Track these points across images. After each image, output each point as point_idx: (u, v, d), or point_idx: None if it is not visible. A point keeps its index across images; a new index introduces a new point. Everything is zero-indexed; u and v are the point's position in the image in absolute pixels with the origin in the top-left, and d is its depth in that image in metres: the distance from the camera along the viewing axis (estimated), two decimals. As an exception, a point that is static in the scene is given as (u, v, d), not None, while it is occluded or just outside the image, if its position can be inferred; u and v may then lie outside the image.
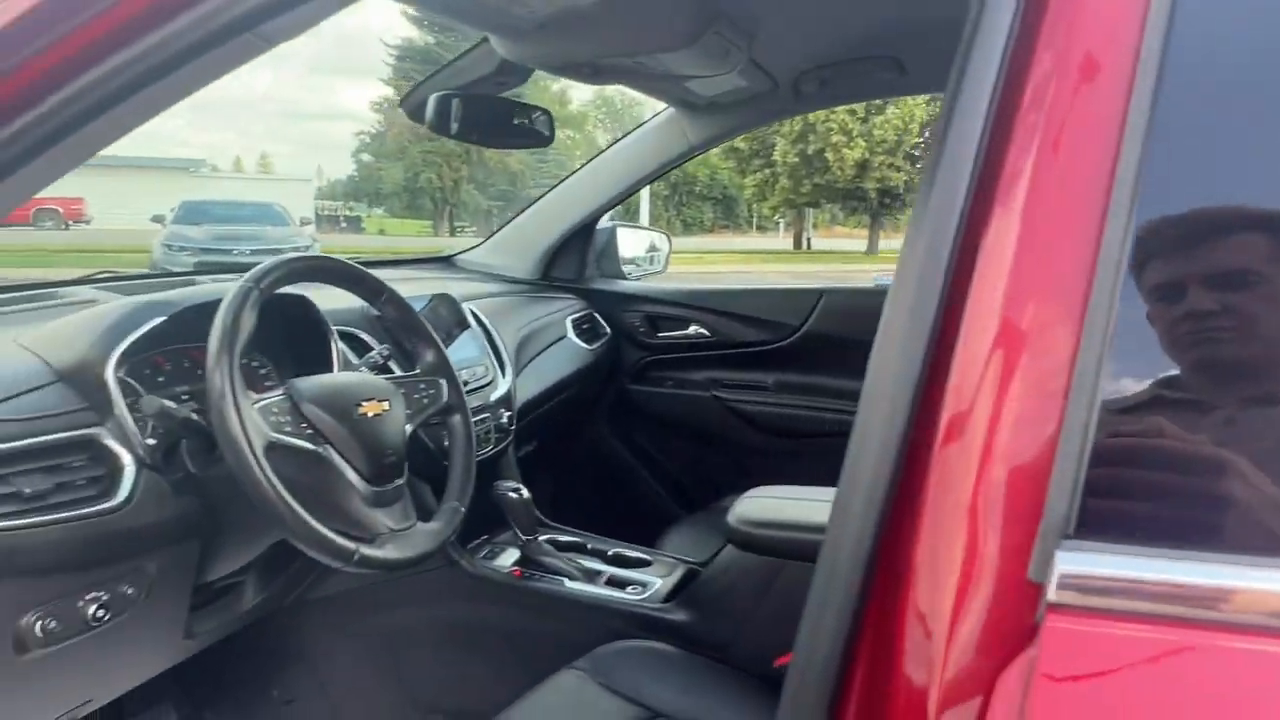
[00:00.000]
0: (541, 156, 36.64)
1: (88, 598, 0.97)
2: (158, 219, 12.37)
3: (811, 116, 21.46)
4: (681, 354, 2.30)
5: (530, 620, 1.42)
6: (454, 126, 1.33)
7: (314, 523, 0.95)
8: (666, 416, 2.34)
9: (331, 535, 0.96)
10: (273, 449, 0.96)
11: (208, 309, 1.00)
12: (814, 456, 2.19)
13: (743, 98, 1.82)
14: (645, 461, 2.39)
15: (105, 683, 1.12)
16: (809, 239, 29.00)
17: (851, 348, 2.17)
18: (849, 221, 35.73)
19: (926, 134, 22.13)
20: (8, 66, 0.71)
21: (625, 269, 2.44)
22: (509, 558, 1.52)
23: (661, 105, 1.98)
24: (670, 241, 2.69)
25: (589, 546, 1.59)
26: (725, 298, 2.25)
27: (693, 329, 2.27)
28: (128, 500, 0.97)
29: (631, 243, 2.49)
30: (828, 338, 2.15)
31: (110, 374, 1.00)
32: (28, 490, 0.89)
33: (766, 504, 1.30)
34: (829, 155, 22.14)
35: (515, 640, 1.44)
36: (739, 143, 24.02)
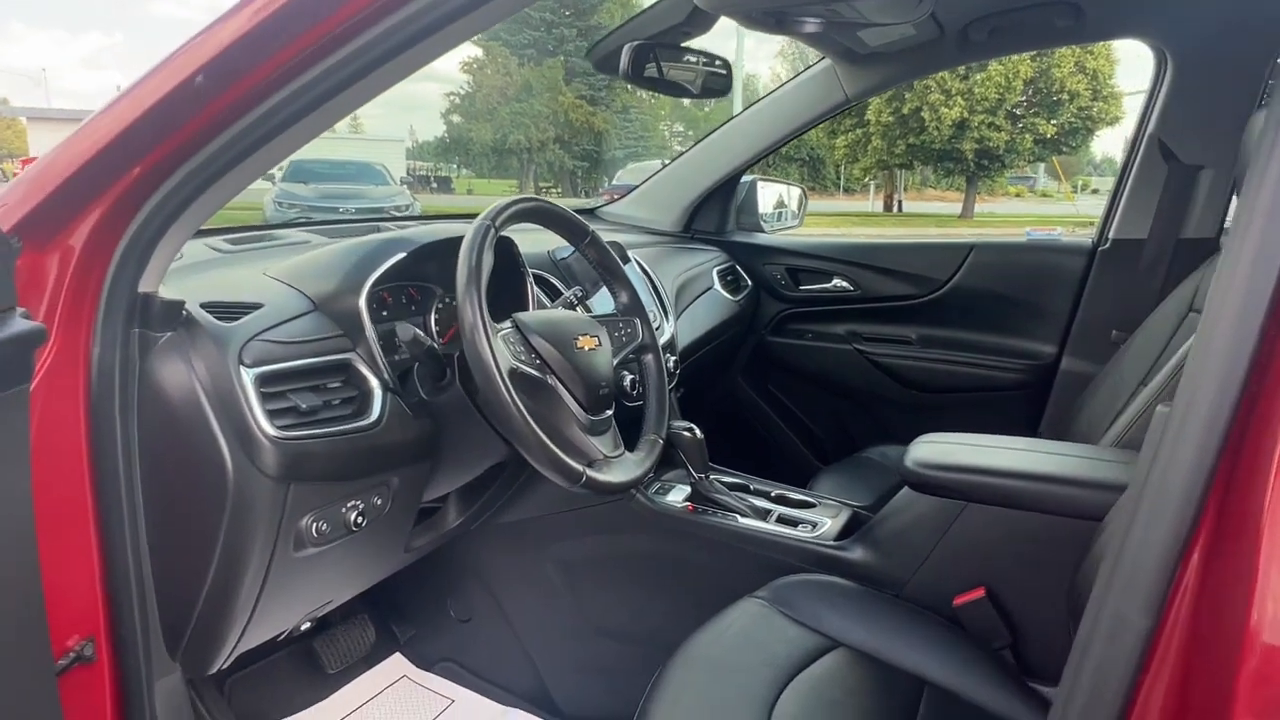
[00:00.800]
0: (626, 117, 36.44)
1: (349, 505, 1.07)
2: (268, 177, 12.84)
3: (908, 74, 20.72)
4: (822, 306, 2.31)
5: (703, 554, 1.48)
6: (647, 75, 1.37)
7: (551, 444, 1.02)
8: (804, 369, 2.37)
9: (565, 456, 1.03)
10: (513, 374, 1.03)
11: (441, 247, 1.08)
12: (956, 411, 2.20)
13: (907, 46, 1.81)
14: (781, 413, 2.43)
15: (343, 585, 1.23)
16: (900, 201, 28.16)
17: (1000, 303, 2.16)
18: (940, 184, 34.50)
19: (1030, 92, 21.16)
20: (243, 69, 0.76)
21: (762, 221, 2.46)
22: (680, 494, 1.58)
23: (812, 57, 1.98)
24: (806, 196, 2.68)
25: (753, 487, 1.64)
26: (869, 251, 2.25)
27: (835, 282, 2.28)
28: (379, 419, 1.07)
29: (769, 197, 2.50)
30: (975, 293, 2.13)
31: (363, 303, 1.09)
32: (304, 405, 0.99)
33: (942, 448, 1.33)
34: (925, 115, 21.35)
35: (688, 572, 1.51)
36: (831, 102, 23.37)
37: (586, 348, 1.14)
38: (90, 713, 0.95)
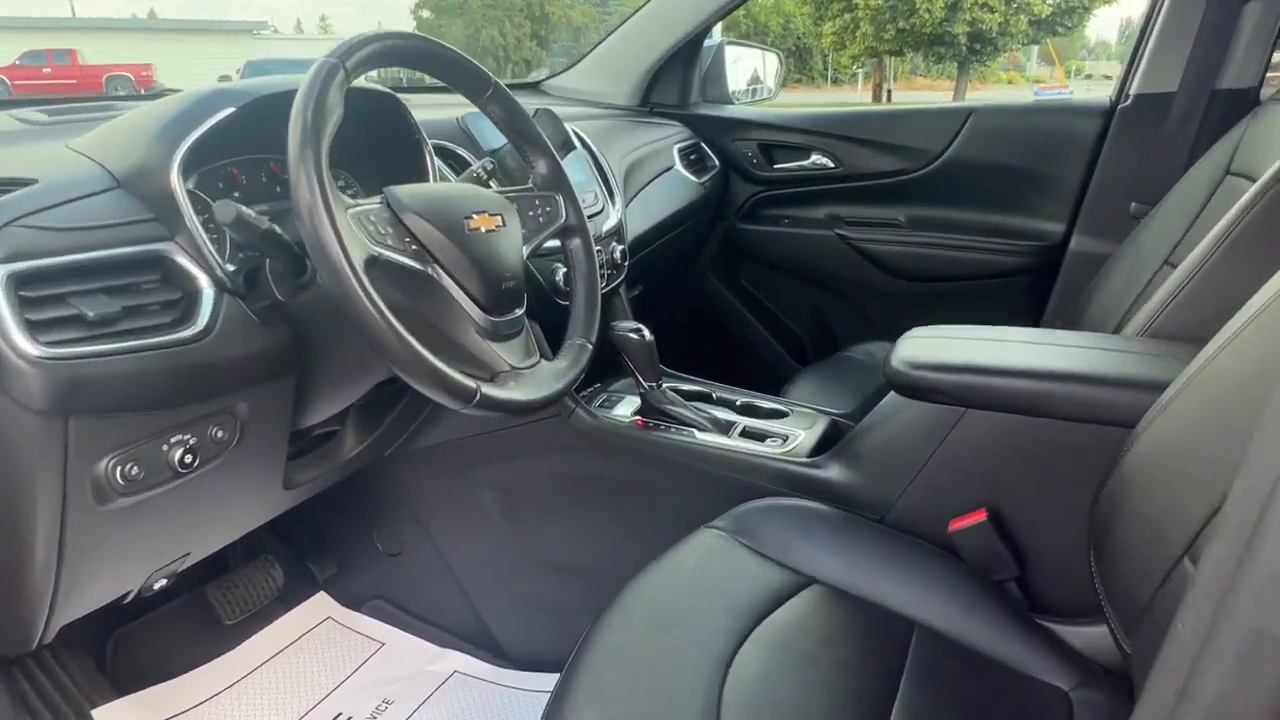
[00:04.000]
0: (604, 9, 34.91)
1: (173, 440, 0.83)
2: (224, 79, 12.18)
3: (899, -48, 19.77)
4: (800, 188, 2.04)
5: (656, 475, 1.27)
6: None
7: (427, 354, 0.77)
8: (781, 258, 2.11)
9: (449, 370, 0.79)
10: (374, 264, 0.77)
11: (287, 99, 0.80)
12: (951, 301, 1.96)
13: None
14: (754, 309, 2.18)
15: (203, 535, 1.01)
16: (889, 90, 27.21)
17: (1001, 176, 1.89)
18: (931, 71, 33.42)
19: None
20: None
21: (733, 94, 2.15)
22: (628, 406, 1.35)
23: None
24: (784, 64, 2.37)
25: (715, 396, 1.41)
26: (853, 121, 1.96)
27: (814, 158, 2.00)
28: (208, 329, 0.82)
29: (742, 67, 2.19)
30: (974, 165, 1.86)
31: (175, 177, 0.82)
32: (91, 314, 0.73)
33: (934, 344, 1.10)
34: (916, -4, 20.43)
35: (639, 497, 1.29)
36: (817, -15, 22.36)
37: (483, 229, 0.88)
38: None
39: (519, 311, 0.93)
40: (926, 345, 1.09)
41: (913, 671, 0.85)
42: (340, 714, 1.32)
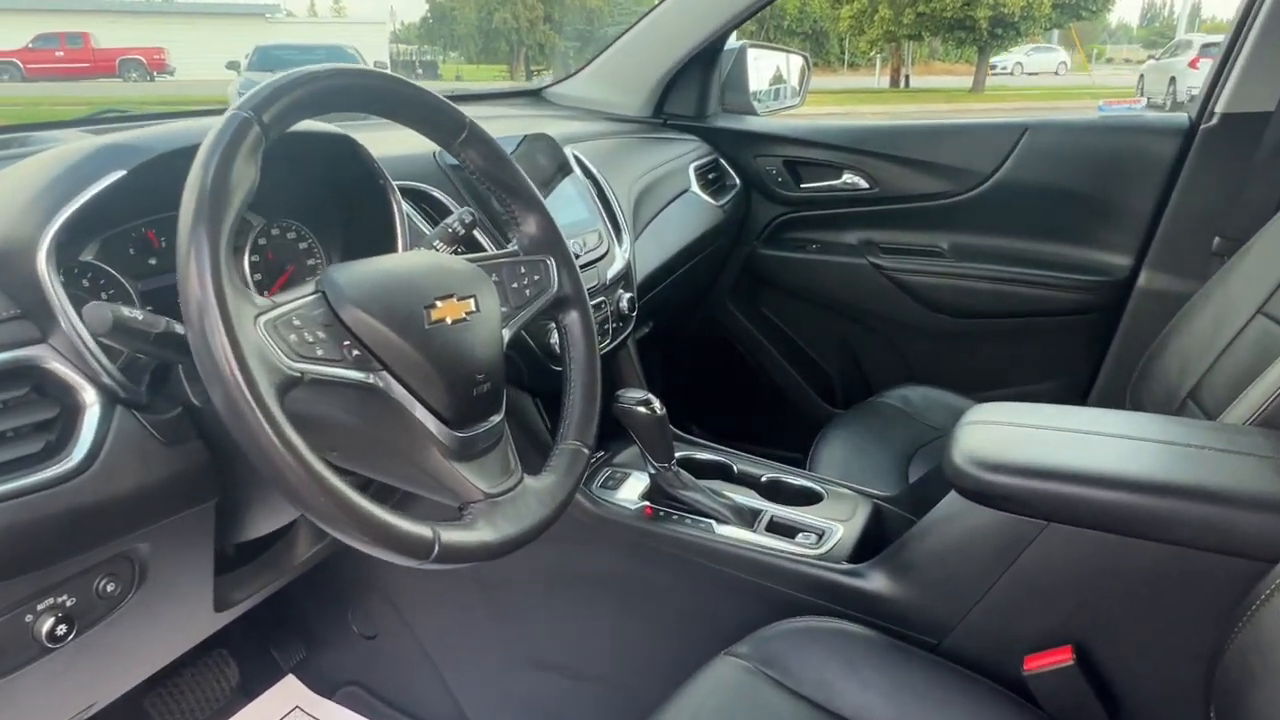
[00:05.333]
0: (623, -5, 34.48)
1: (40, 608, 0.64)
2: (233, 66, 12.04)
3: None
4: (830, 210, 1.84)
5: (666, 574, 1.08)
6: None
7: (363, 503, 0.58)
8: (807, 287, 1.91)
9: (396, 523, 0.60)
10: (293, 387, 0.58)
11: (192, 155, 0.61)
12: (999, 342, 1.76)
13: None
14: (779, 343, 1.98)
15: (106, 685, 0.83)
16: (908, 76, 26.66)
17: (1059, 202, 1.68)
18: (949, 56, 32.82)
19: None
20: None
21: (754, 101, 1.95)
22: (635, 487, 1.16)
23: None
24: (810, 67, 2.15)
25: (735, 470, 1.22)
26: (891, 137, 1.76)
27: (846, 177, 1.80)
28: (90, 458, 0.63)
29: (764, 69, 1.98)
30: (1029, 188, 1.65)
31: (42, 262, 0.63)
32: None
33: (1005, 434, 0.90)
34: (937, -21, 19.96)
35: (646, 597, 1.11)
36: (836, -32, 21.94)
37: (448, 319, 0.69)
38: None
39: (495, 419, 0.73)
40: (996, 436, 0.89)
41: None
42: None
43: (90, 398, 0.64)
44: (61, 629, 0.65)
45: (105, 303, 0.59)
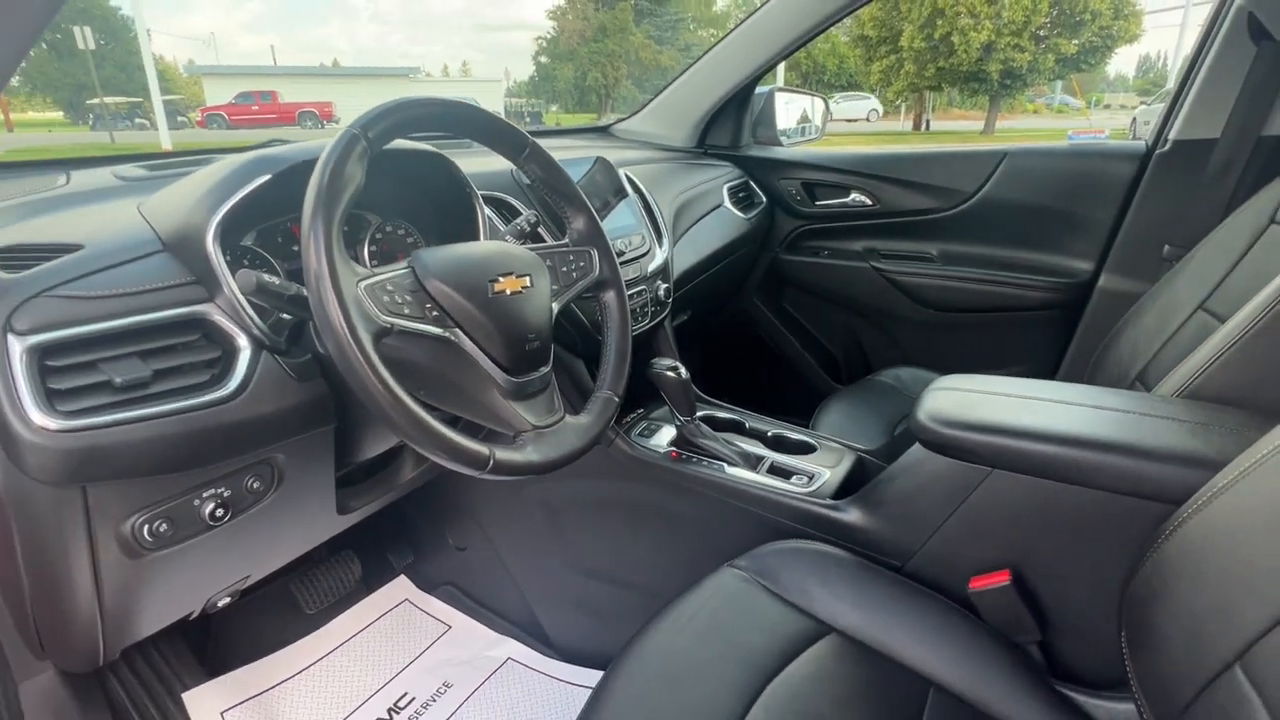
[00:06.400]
0: (688, 54, 34.21)
1: (205, 495, 0.71)
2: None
3: (941, 1, 18.54)
4: (839, 223, 1.81)
5: (687, 504, 1.10)
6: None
7: (436, 425, 0.62)
8: (819, 286, 1.89)
9: (459, 440, 0.64)
10: (386, 335, 0.63)
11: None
12: (976, 331, 1.71)
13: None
14: (795, 331, 1.97)
15: (257, 562, 0.89)
16: (928, 120, 25.73)
17: (1033, 216, 1.61)
18: (965, 104, 31.52)
19: (1054, 13, 18.66)
20: None
21: (781, 136, 1.93)
22: (665, 436, 1.19)
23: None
24: (828, 105, 2.12)
25: (747, 426, 1.23)
26: (890, 163, 1.72)
27: (853, 196, 1.77)
28: (241, 388, 0.69)
29: (788, 108, 1.97)
30: (1005, 205, 1.60)
31: (210, 241, 0.69)
32: (119, 379, 0.61)
33: (962, 398, 0.89)
34: (955, 39, 19.08)
35: (672, 523, 1.13)
36: (869, 30, 21.22)
37: (508, 291, 0.73)
38: None
39: (544, 369, 0.77)
40: (954, 399, 0.88)
41: None
42: (405, 694, 1.22)
43: (244, 343, 0.70)
44: (220, 512, 0.71)
45: (252, 270, 0.64)
